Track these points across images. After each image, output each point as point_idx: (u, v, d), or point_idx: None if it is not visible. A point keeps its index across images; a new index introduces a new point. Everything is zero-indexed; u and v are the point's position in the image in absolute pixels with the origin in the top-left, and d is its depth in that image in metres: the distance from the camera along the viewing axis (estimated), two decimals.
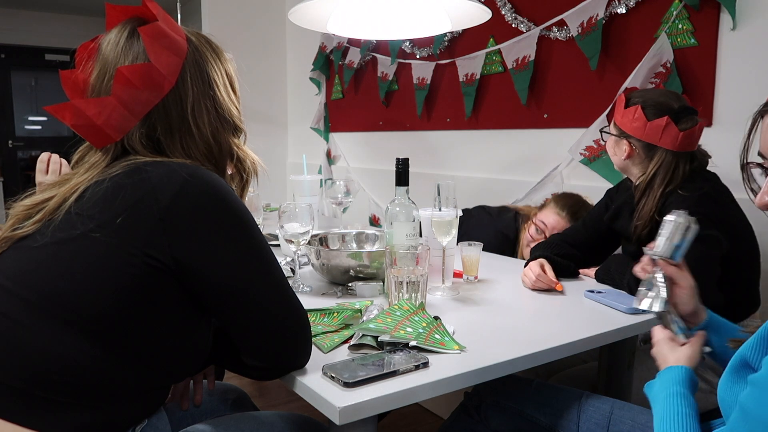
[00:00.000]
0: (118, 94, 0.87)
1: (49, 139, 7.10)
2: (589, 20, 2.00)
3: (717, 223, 1.32)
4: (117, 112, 0.87)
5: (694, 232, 0.95)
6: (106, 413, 0.83)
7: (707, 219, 1.31)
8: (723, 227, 1.33)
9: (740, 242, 1.40)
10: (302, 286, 1.42)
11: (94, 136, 0.89)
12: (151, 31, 0.89)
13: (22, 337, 0.80)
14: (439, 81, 2.69)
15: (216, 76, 0.95)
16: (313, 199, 2.12)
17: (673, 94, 1.47)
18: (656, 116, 1.42)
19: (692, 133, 1.42)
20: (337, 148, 3.52)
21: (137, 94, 0.87)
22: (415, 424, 2.27)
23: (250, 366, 0.92)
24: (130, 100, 0.88)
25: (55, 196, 0.86)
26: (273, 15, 3.88)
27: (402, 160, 1.32)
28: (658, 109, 1.43)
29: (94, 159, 0.90)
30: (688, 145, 1.42)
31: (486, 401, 1.21)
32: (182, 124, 0.91)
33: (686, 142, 1.42)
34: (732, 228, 1.37)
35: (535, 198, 2.29)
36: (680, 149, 1.42)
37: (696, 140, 1.44)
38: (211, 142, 0.94)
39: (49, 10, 6.23)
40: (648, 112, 1.43)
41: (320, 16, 1.53)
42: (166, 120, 0.90)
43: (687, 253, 1.20)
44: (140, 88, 0.87)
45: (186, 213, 0.82)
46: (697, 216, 1.28)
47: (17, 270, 0.84)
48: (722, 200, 1.41)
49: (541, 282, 1.42)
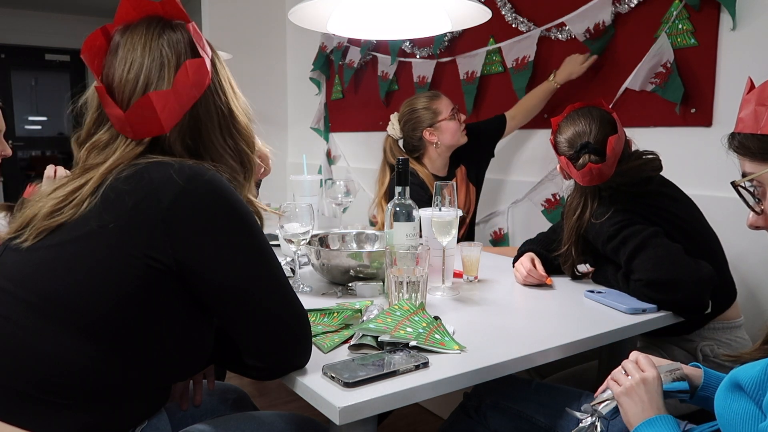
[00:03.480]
0: (176, 87, 0.88)
1: (49, 139, 7.10)
2: (596, 26, 2.00)
3: (638, 219, 1.34)
4: (172, 103, 0.88)
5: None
6: (106, 414, 0.83)
7: (625, 222, 1.34)
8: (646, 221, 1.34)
9: (690, 235, 1.37)
10: (302, 286, 1.42)
11: (144, 126, 0.88)
12: (195, 29, 0.93)
13: (23, 339, 0.80)
14: (440, 79, 2.69)
15: (224, 76, 0.97)
16: (313, 199, 2.12)
17: (587, 123, 1.40)
18: (561, 152, 1.43)
19: (590, 171, 1.36)
20: (337, 148, 3.52)
21: (188, 88, 0.90)
22: (415, 424, 2.27)
23: (251, 366, 0.92)
24: (183, 93, 0.89)
25: (88, 182, 0.85)
26: (273, 15, 3.88)
27: (402, 160, 1.32)
28: (563, 145, 1.43)
29: (122, 150, 0.89)
30: (592, 181, 1.38)
31: (485, 401, 1.21)
32: (223, 118, 0.94)
33: (587, 179, 1.38)
34: (668, 225, 1.35)
35: (535, 198, 2.29)
36: (587, 184, 1.39)
37: (599, 176, 1.37)
38: (247, 134, 0.98)
39: (49, 10, 6.23)
40: (558, 147, 1.45)
41: (320, 16, 1.53)
42: (208, 115, 0.93)
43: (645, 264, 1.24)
44: (193, 82, 0.90)
45: (188, 213, 0.82)
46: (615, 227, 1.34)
47: (18, 272, 0.84)
48: (640, 207, 1.37)
49: (532, 277, 1.44)
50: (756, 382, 0.70)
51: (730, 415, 0.73)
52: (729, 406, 0.73)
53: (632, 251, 1.30)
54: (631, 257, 1.31)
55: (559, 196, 2.21)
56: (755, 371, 0.71)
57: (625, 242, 1.32)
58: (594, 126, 1.40)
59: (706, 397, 0.94)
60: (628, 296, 1.34)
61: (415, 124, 2.13)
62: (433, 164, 2.17)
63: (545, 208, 2.26)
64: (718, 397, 0.77)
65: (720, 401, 0.76)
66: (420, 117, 2.12)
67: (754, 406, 0.70)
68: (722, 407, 0.75)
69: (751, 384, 0.70)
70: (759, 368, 0.71)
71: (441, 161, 2.18)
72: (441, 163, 2.18)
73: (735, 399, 0.73)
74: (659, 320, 1.26)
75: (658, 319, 1.26)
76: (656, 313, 1.26)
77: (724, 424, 0.75)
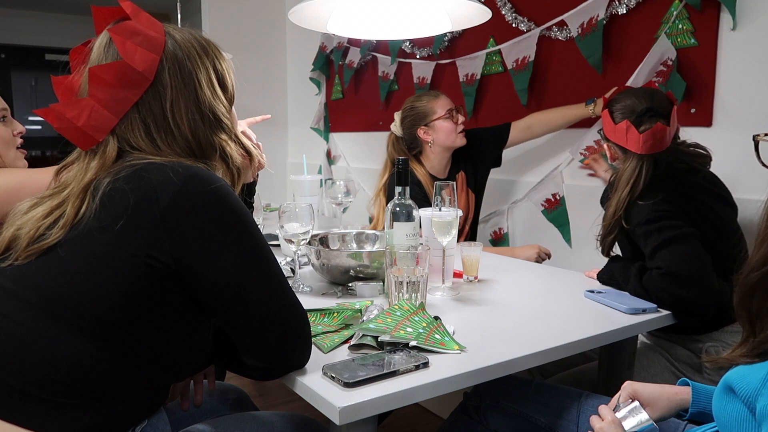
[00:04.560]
0: (94, 94, 0.87)
1: (49, 139, 7.08)
2: (590, 21, 2.00)
3: (681, 214, 1.34)
4: (96, 112, 0.88)
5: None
6: (106, 413, 0.83)
7: (668, 213, 1.33)
8: (687, 219, 1.34)
9: (725, 237, 1.38)
10: (302, 286, 1.42)
11: (79, 139, 0.90)
12: (121, 30, 0.89)
13: (23, 338, 0.80)
14: (440, 81, 2.69)
15: (199, 72, 0.94)
16: (313, 199, 2.12)
17: (647, 94, 1.45)
18: (620, 119, 1.43)
19: (654, 134, 1.38)
20: (337, 148, 3.52)
21: (114, 92, 0.88)
22: (415, 424, 2.27)
23: (250, 366, 0.92)
24: (107, 99, 0.88)
25: (68, 200, 0.86)
26: (273, 15, 3.88)
27: (402, 160, 1.32)
28: (621, 112, 1.44)
29: (95, 161, 0.90)
30: (653, 147, 1.39)
31: (485, 401, 1.21)
32: (163, 119, 0.91)
33: (649, 144, 1.39)
34: (707, 224, 1.36)
35: (535, 198, 2.29)
36: (646, 152, 1.40)
37: (661, 140, 1.40)
38: (190, 138, 0.93)
39: (49, 10, 6.23)
40: (615, 115, 1.45)
41: (320, 16, 1.53)
42: (152, 116, 0.90)
43: (672, 256, 1.21)
44: (116, 86, 0.88)
45: (186, 212, 0.82)
46: (657, 214, 1.33)
47: (18, 271, 0.84)
48: (686, 202, 1.37)
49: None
50: (748, 390, 0.71)
51: (726, 417, 0.74)
52: (724, 408, 0.74)
53: (664, 241, 1.30)
54: (660, 246, 1.31)
55: (559, 196, 2.21)
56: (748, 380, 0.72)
57: (661, 231, 1.32)
58: (655, 96, 1.44)
59: (700, 413, 0.95)
60: (628, 296, 1.34)
61: (411, 121, 2.14)
62: (431, 164, 2.17)
63: (545, 208, 2.26)
64: (715, 399, 0.78)
65: (716, 403, 0.77)
66: (417, 115, 2.13)
67: (746, 409, 0.70)
68: (719, 409, 0.76)
69: (743, 391, 0.71)
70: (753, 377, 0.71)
71: (438, 162, 2.19)
72: (439, 164, 2.19)
73: (729, 401, 0.73)
74: (659, 320, 1.26)
75: (658, 319, 1.26)
76: (656, 314, 1.26)
77: (722, 426, 0.76)
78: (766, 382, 0.68)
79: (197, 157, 0.94)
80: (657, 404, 0.95)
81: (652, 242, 1.33)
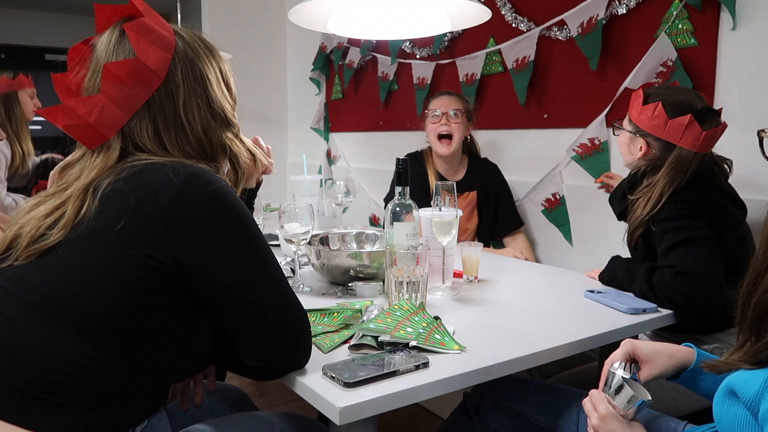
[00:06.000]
0: (107, 91, 0.87)
1: (49, 139, 7.05)
2: (589, 20, 2.00)
3: (702, 217, 1.33)
4: (107, 109, 0.87)
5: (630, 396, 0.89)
6: (106, 414, 0.83)
7: (688, 213, 1.33)
8: (707, 221, 1.34)
9: (742, 242, 1.38)
10: (302, 286, 1.42)
11: (87, 136, 0.89)
12: (137, 26, 0.89)
13: (24, 339, 0.80)
14: (440, 81, 2.69)
15: (208, 71, 0.95)
16: (313, 199, 2.12)
17: (694, 93, 1.45)
18: (678, 114, 1.38)
19: (714, 134, 1.38)
20: (337, 148, 3.52)
21: (126, 90, 0.88)
22: (415, 424, 2.27)
23: (251, 366, 0.92)
24: (120, 97, 0.87)
25: (69, 201, 0.85)
26: (273, 15, 3.88)
27: (402, 160, 1.32)
28: (680, 107, 1.39)
29: (98, 161, 0.89)
30: (707, 146, 1.40)
31: (485, 401, 1.21)
32: (175, 118, 0.91)
33: (707, 143, 1.38)
34: (726, 229, 1.36)
35: (535, 198, 2.29)
36: (700, 150, 1.38)
37: (715, 142, 1.41)
38: (203, 137, 0.93)
39: (49, 10, 6.23)
40: (669, 109, 1.40)
41: (320, 16, 1.53)
42: (162, 115, 0.90)
43: (686, 256, 1.20)
44: (128, 83, 0.87)
45: (186, 213, 0.82)
46: (677, 212, 1.33)
47: (18, 271, 0.84)
48: (707, 204, 1.37)
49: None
50: (751, 394, 0.71)
51: (727, 420, 0.74)
52: (726, 411, 0.74)
53: (681, 241, 1.30)
54: (676, 245, 1.30)
55: (559, 196, 2.21)
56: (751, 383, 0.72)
57: (679, 230, 1.31)
58: (693, 94, 1.45)
59: (692, 378, 0.95)
60: (628, 296, 1.34)
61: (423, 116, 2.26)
62: (436, 161, 2.20)
63: (545, 208, 2.26)
64: (716, 402, 0.78)
65: (717, 406, 0.77)
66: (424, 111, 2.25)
67: (749, 413, 0.70)
68: (720, 412, 0.76)
69: (745, 395, 0.71)
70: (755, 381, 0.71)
71: (440, 162, 2.19)
72: (441, 165, 2.19)
73: (731, 405, 0.74)
74: (659, 320, 1.26)
75: (658, 319, 1.26)
76: (656, 314, 1.26)
77: (722, 427, 0.76)
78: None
79: (207, 156, 0.95)
80: (657, 360, 0.95)
81: (668, 240, 1.32)
